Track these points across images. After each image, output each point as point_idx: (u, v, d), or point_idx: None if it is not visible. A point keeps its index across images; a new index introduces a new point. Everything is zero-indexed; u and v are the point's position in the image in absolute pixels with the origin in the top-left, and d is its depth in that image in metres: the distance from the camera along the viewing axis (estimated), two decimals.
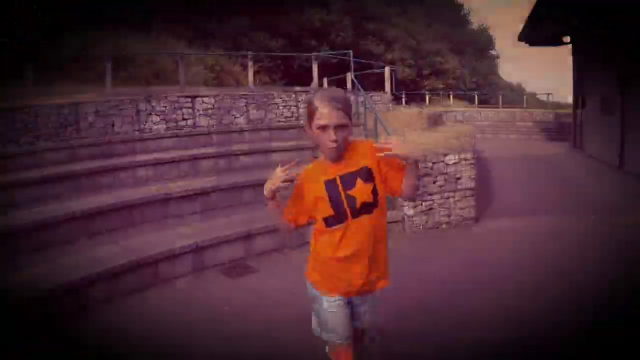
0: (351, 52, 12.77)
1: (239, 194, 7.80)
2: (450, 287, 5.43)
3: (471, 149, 8.31)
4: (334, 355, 2.91)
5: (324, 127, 2.48)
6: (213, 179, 7.93)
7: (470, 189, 8.05)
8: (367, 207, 2.60)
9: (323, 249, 2.72)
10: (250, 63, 12.75)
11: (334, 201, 2.59)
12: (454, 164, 7.90)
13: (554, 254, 6.56)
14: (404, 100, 25.16)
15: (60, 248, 5.68)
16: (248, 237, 6.58)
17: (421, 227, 7.77)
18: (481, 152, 17.88)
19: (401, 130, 10.47)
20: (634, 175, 12.73)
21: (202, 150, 8.78)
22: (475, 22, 53.80)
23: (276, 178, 2.50)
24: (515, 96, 43.08)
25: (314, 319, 3.00)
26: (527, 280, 5.63)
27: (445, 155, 7.89)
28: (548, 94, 43.04)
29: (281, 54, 21.28)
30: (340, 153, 2.58)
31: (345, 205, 2.58)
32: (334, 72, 19.99)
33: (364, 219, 2.60)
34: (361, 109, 11.38)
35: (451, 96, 35.50)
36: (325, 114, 2.46)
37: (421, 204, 7.73)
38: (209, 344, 4.24)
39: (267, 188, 2.53)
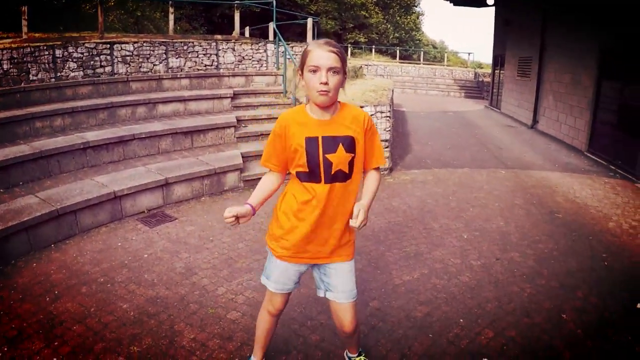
0: (274, 1, 12.66)
1: (157, 143, 7.77)
2: (364, 232, 5.71)
3: (388, 102, 8.56)
4: (266, 297, 2.91)
5: (315, 69, 2.37)
6: (131, 127, 7.83)
7: (385, 140, 8.34)
8: (341, 176, 2.54)
9: (291, 202, 2.65)
10: (171, 9, 12.41)
11: (311, 160, 2.49)
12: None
13: (461, 203, 7.00)
14: None
15: None
16: (166, 185, 6.61)
17: None
18: (399, 107, 18.38)
19: None
20: (545, 135, 13.60)
21: (120, 99, 8.60)
22: None
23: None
24: (437, 53, 43.99)
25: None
26: (436, 228, 6.03)
27: (361, 107, 8.08)
28: (469, 53, 44.23)
29: (203, 1, 20.71)
30: (331, 105, 2.49)
31: (321, 166, 2.50)
32: (258, 22, 19.74)
33: (337, 187, 2.55)
34: (282, 60, 11.44)
35: (373, 50, 35.85)
36: (318, 55, 2.36)
37: None
38: (131, 289, 4.33)
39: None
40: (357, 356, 3.12)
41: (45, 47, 8.31)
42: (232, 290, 4.35)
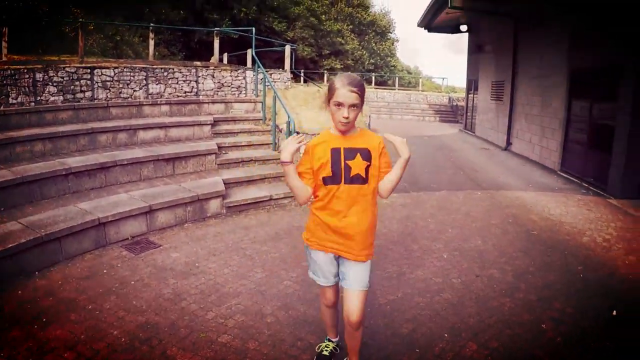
0: (253, 29, 12.85)
1: (139, 169, 7.81)
2: None
3: (365, 128, 8.70)
4: (320, 292, 3.49)
5: (339, 105, 2.95)
6: (112, 153, 7.86)
7: None
8: (358, 179, 3.08)
9: (317, 205, 3.18)
10: (151, 35, 12.49)
11: (334, 164, 3.06)
12: None
13: (440, 225, 7.16)
14: (302, 78, 25.44)
15: None
16: (150, 212, 6.66)
17: None
18: (375, 132, 18.56)
19: (299, 108, 10.80)
20: (519, 156, 13.92)
21: (101, 124, 8.61)
22: (377, 4, 55.33)
23: (292, 144, 2.98)
24: (412, 79, 44.63)
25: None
26: (417, 249, 6.16)
27: None
28: (443, 78, 44.91)
29: (183, 27, 20.80)
30: (349, 129, 3.07)
31: (342, 170, 3.06)
32: (235, 48, 19.92)
33: (354, 188, 3.07)
34: (260, 87, 11.58)
35: None
36: (343, 94, 2.93)
37: None
38: (120, 316, 4.35)
39: (286, 151, 2.99)
40: None
41: (25, 70, 8.30)
42: (221, 315, 4.40)
